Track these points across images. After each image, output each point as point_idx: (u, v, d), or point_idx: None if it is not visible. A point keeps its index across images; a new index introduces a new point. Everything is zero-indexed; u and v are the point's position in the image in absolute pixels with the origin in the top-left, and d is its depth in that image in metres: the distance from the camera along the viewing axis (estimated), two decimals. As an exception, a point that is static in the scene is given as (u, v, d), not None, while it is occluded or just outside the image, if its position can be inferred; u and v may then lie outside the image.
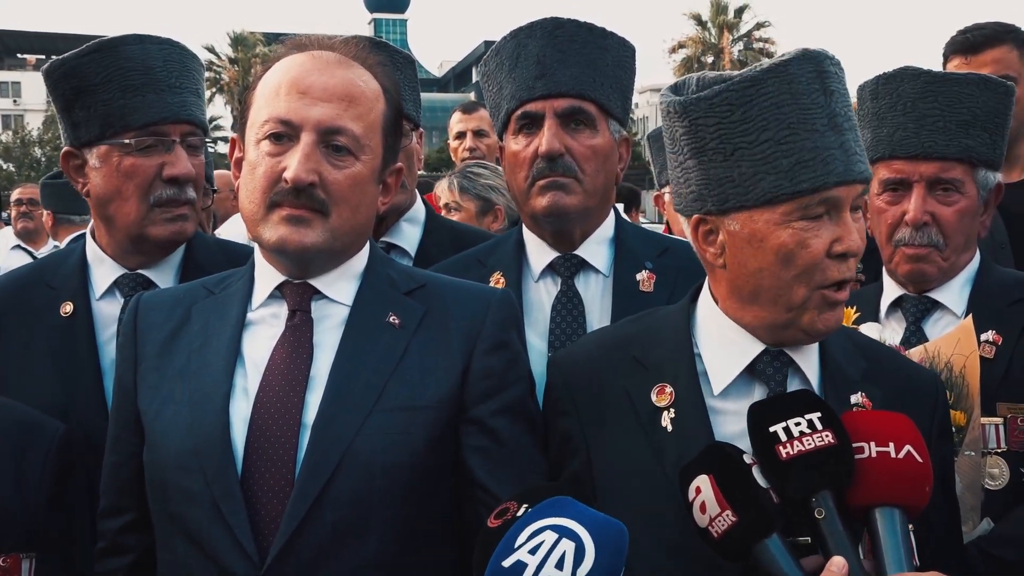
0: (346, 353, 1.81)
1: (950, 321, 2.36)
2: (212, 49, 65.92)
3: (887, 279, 2.49)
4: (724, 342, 1.79)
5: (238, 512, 1.71)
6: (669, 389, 1.78)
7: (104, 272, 2.36)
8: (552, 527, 1.49)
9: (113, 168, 2.28)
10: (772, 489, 1.56)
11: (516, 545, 1.49)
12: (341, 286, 1.89)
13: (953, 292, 2.39)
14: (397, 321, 1.85)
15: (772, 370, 1.76)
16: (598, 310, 2.35)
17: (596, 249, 2.40)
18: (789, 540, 1.56)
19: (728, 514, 1.53)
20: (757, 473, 1.57)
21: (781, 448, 1.56)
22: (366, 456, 1.74)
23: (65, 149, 2.36)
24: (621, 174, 2.46)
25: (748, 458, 1.60)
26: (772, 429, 1.58)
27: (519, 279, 2.40)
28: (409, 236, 2.94)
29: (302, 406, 1.77)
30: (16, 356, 2.27)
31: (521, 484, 1.73)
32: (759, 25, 60.26)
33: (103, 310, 2.32)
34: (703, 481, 1.56)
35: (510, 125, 2.40)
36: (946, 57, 3.54)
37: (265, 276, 1.90)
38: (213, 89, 64.23)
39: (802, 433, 1.57)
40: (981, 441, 2.19)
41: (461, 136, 5.38)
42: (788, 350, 1.77)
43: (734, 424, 1.72)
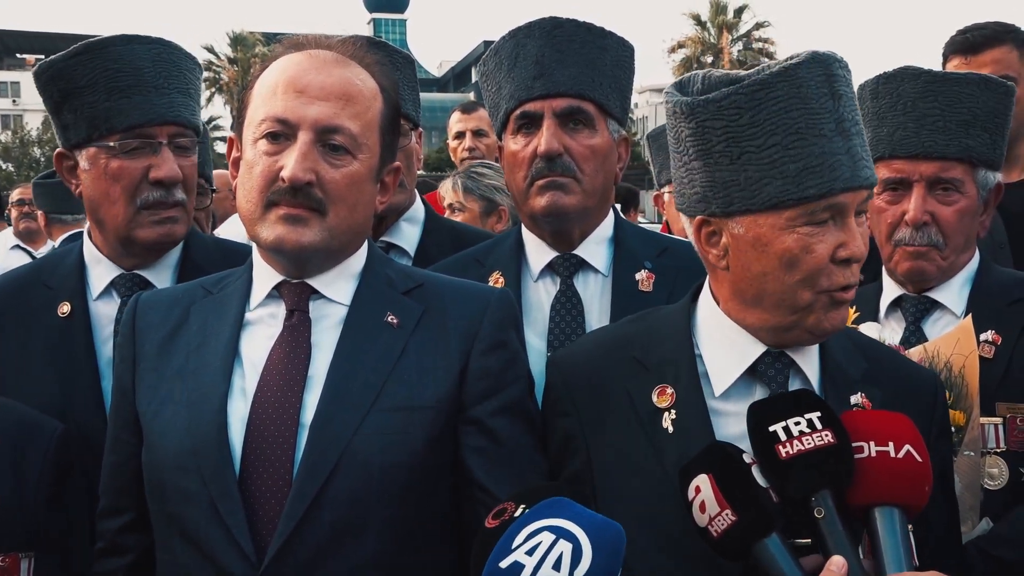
0: (344, 353, 1.81)
1: (949, 321, 2.36)
2: (211, 49, 65.88)
3: (887, 279, 2.49)
4: (725, 343, 1.78)
5: (236, 512, 1.71)
6: (670, 390, 1.77)
7: (101, 272, 2.35)
8: (550, 528, 1.49)
9: (100, 171, 2.26)
10: (772, 488, 1.56)
11: (514, 546, 1.49)
12: (339, 286, 1.88)
13: (952, 292, 2.39)
14: (395, 321, 1.85)
15: (774, 371, 1.76)
16: (597, 310, 2.35)
17: (595, 249, 2.40)
18: (789, 541, 1.56)
19: (728, 513, 1.53)
20: (757, 472, 1.57)
21: (781, 447, 1.56)
22: (364, 456, 1.73)
23: (58, 151, 2.36)
24: (620, 174, 2.46)
25: (748, 457, 1.60)
26: (772, 428, 1.58)
27: (518, 279, 2.40)
28: (408, 236, 2.94)
29: (300, 406, 1.76)
30: (14, 356, 2.27)
31: (520, 484, 1.73)
32: (758, 25, 60.23)
33: (100, 310, 2.32)
34: (703, 480, 1.56)
35: (509, 125, 2.39)
36: (946, 57, 3.52)
37: (263, 276, 1.90)
38: (212, 89, 64.20)
39: (802, 432, 1.57)
40: (980, 441, 2.19)
41: (460, 136, 5.38)
42: (789, 351, 1.77)
43: (735, 425, 1.72)
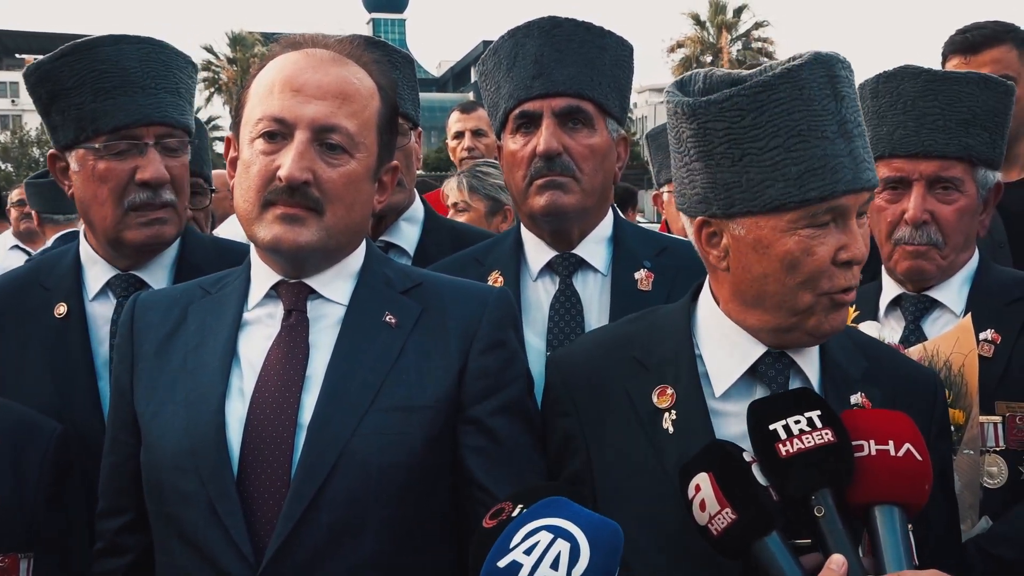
0: (342, 353, 1.80)
1: (949, 320, 2.36)
2: (210, 49, 65.79)
3: (886, 278, 2.49)
4: (725, 344, 1.78)
5: (234, 513, 1.70)
6: (670, 391, 1.77)
7: (97, 273, 2.35)
8: (547, 527, 1.49)
9: (89, 172, 2.25)
10: (772, 487, 1.56)
11: (511, 545, 1.49)
12: (337, 285, 1.88)
13: (952, 291, 2.39)
14: (393, 320, 1.85)
15: (774, 372, 1.76)
16: (596, 309, 2.35)
17: (594, 248, 2.40)
18: (789, 540, 1.56)
19: (727, 512, 1.53)
20: (757, 471, 1.57)
21: (781, 446, 1.56)
22: (362, 456, 1.73)
23: (50, 152, 2.35)
24: (619, 173, 2.46)
25: (748, 456, 1.59)
26: (772, 427, 1.58)
27: (517, 278, 2.40)
28: (408, 235, 2.94)
29: (298, 406, 1.76)
30: (11, 357, 2.27)
31: (519, 484, 1.72)
32: (757, 25, 60.21)
33: (96, 311, 2.31)
34: (703, 479, 1.56)
35: (508, 124, 2.39)
36: (945, 57, 3.51)
37: (261, 276, 1.89)
38: (212, 89, 64.19)
39: (802, 431, 1.56)
40: (980, 439, 2.19)
41: (459, 136, 5.38)
42: (789, 351, 1.77)
43: (735, 425, 1.71)
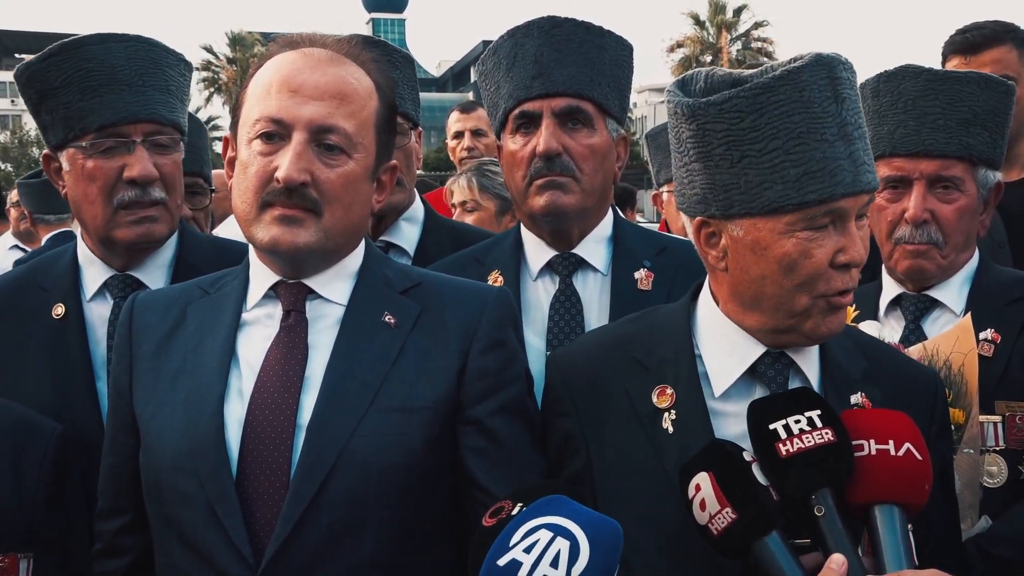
0: (341, 353, 1.80)
1: (949, 319, 2.36)
2: (210, 49, 65.82)
3: (886, 277, 2.49)
4: (725, 344, 1.78)
5: (233, 514, 1.70)
6: (670, 391, 1.77)
7: (94, 273, 2.34)
8: (547, 526, 1.49)
9: (79, 172, 2.25)
10: (772, 487, 1.56)
11: (511, 544, 1.48)
12: (336, 286, 1.87)
13: (952, 291, 2.39)
14: (392, 320, 1.84)
15: (773, 372, 1.76)
16: (596, 309, 2.35)
17: (594, 248, 2.40)
18: (789, 540, 1.56)
19: (728, 511, 1.53)
20: (757, 471, 1.57)
21: (781, 446, 1.56)
22: (362, 457, 1.73)
23: (44, 152, 2.35)
24: (619, 173, 2.46)
25: (748, 456, 1.59)
26: (772, 427, 1.58)
27: (517, 278, 2.40)
28: (408, 235, 2.94)
29: (297, 407, 1.75)
30: (10, 358, 2.27)
31: (519, 484, 1.71)
32: (757, 24, 60.22)
33: (94, 311, 2.31)
34: (703, 478, 1.56)
35: (508, 124, 2.39)
36: (945, 57, 3.50)
37: (259, 276, 1.89)
38: (211, 89, 64.22)
39: (802, 431, 1.56)
40: (980, 439, 2.19)
41: (459, 136, 5.38)
42: (789, 351, 1.77)
43: (735, 426, 1.71)
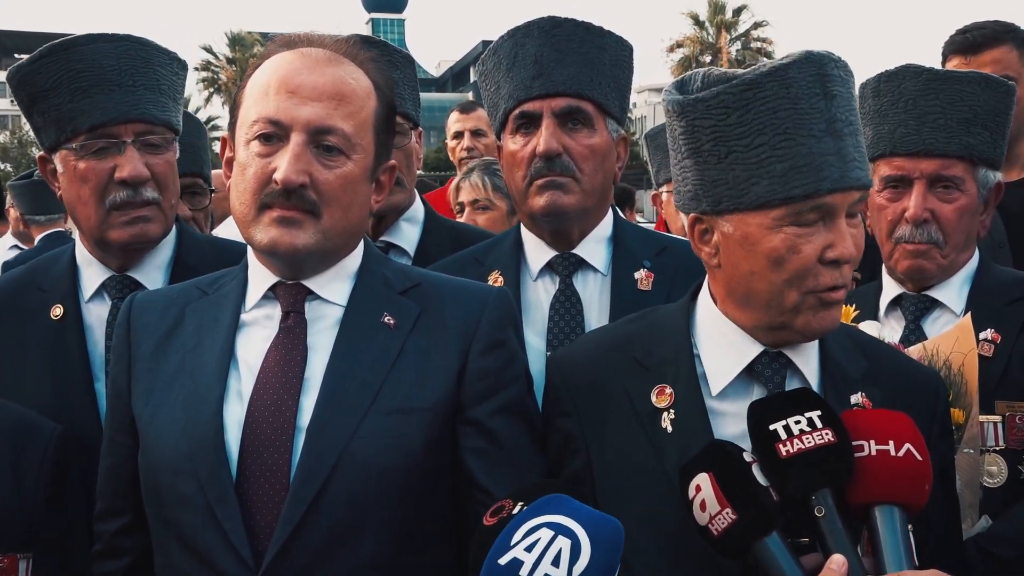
0: (341, 354, 1.79)
1: (949, 319, 2.36)
2: (210, 49, 65.85)
3: (886, 278, 2.49)
4: (723, 343, 1.78)
5: (233, 517, 1.70)
6: (669, 390, 1.77)
7: (92, 274, 2.34)
8: (548, 524, 1.48)
9: (71, 173, 2.24)
10: (772, 487, 1.56)
11: (512, 543, 1.48)
12: (335, 286, 1.86)
13: (952, 291, 2.39)
14: (392, 321, 1.83)
15: (770, 372, 1.76)
16: (596, 309, 2.35)
17: (594, 248, 2.40)
18: (789, 539, 1.56)
19: (728, 512, 1.53)
20: (757, 471, 1.57)
21: (781, 446, 1.56)
22: (362, 459, 1.72)
23: (39, 154, 2.34)
24: (619, 173, 2.46)
25: (748, 456, 1.59)
26: (772, 427, 1.58)
27: (517, 278, 2.40)
28: (408, 235, 2.93)
29: (296, 409, 1.75)
30: (9, 359, 2.27)
31: (519, 484, 1.70)
32: (757, 25, 60.22)
33: (92, 312, 2.30)
34: (703, 479, 1.56)
35: (508, 125, 2.39)
36: (945, 57, 3.49)
37: (258, 277, 1.88)
38: (211, 89, 64.23)
39: (802, 431, 1.56)
40: (979, 439, 2.20)
41: (459, 136, 5.38)
42: (787, 351, 1.77)
43: (734, 425, 1.72)
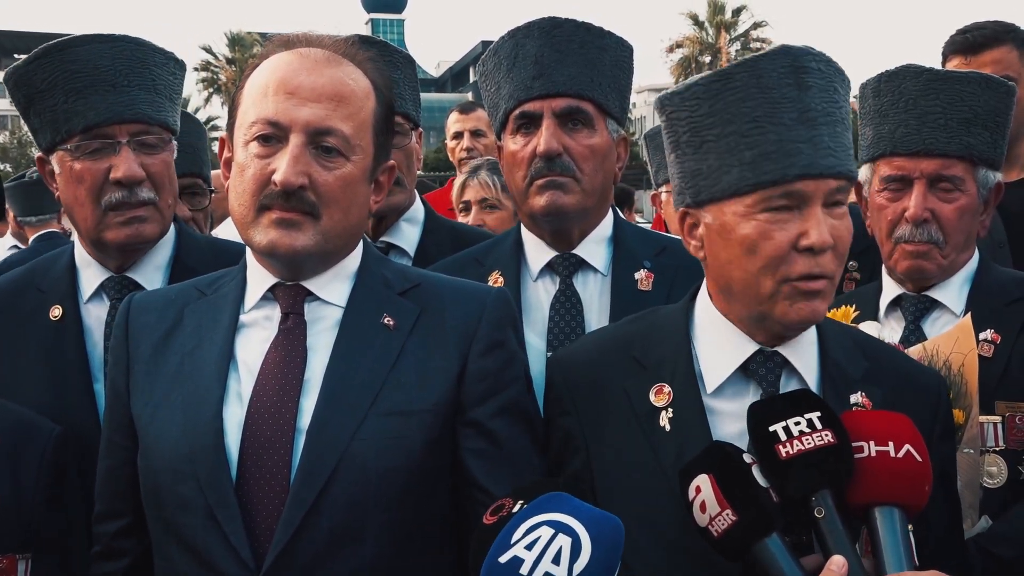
0: (340, 356, 1.79)
1: (949, 320, 2.36)
2: (209, 49, 65.85)
3: (886, 278, 2.49)
4: (720, 342, 1.79)
5: (233, 519, 1.69)
6: (667, 389, 1.78)
7: (91, 275, 2.33)
8: (548, 522, 1.49)
9: (67, 174, 2.24)
10: (772, 488, 1.56)
11: (512, 541, 1.48)
12: (334, 287, 1.86)
13: (952, 291, 2.39)
14: (392, 322, 1.83)
15: (765, 370, 1.76)
16: (596, 309, 2.35)
17: (594, 248, 2.40)
18: (789, 540, 1.56)
19: (728, 513, 1.53)
20: (757, 472, 1.57)
21: (781, 447, 1.56)
22: (362, 461, 1.72)
23: (38, 155, 2.34)
24: (619, 174, 2.46)
25: (748, 457, 1.59)
26: (772, 428, 1.58)
27: (518, 278, 2.40)
28: (408, 236, 2.93)
29: (296, 411, 1.74)
30: (8, 360, 2.27)
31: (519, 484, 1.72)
32: (756, 25, 60.24)
33: (91, 313, 2.30)
34: (703, 480, 1.56)
35: (508, 125, 2.39)
36: (945, 57, 3.49)
37: (257, 278, 1.88)
38: (210, 90, 64.25)
39: (802, 432, 1.56)
40: (979, 439, 2.20)
41: (458, 136, 5.38)
42: (783, 350, 1.77)
43: (731, 424, 1.72)
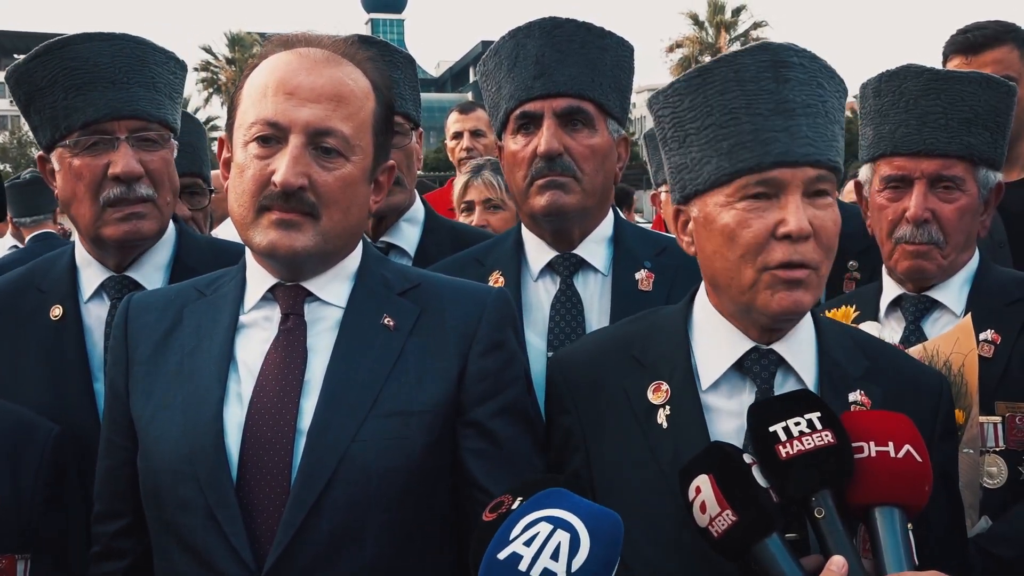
0: (340, 356, 1.79)
1: (949, 320, 2.36)
2: (209, 49, 65.98)
3: (886, 278, 2.49)
4: (717, 339, 1.80)
5: (234, 520, 1.69)
6: (665, 387, 1.78)
7: (91, 275, 2.33)
8: (547, 518, 1.48)
9: (66, 170, 2.24)
10: (772, 489, 1.56)
11: (511, 537, 1.48)
12: (334, 288, 1.85)
13: (952, 291, 2.39)
14: (392, 323, 1.83)
15: (759, 368, 1.76)
16: (597, 309, 2.35)
17: (595, 248, 2.40)
18: (789, 540, 1.56)
19: (728, 514, 1.53)
20: (757, 473, 1.57)
21: (781, 448, 1.56)
22: (362, 462, 1.72)
23: (38, 154, 2.34)
24: (620, 173, 2.46)
25: (748, 458, 1.59)
26: (772, 429, 1.58)
27: (518, 278, 2.40)
28: (408, 236, 2.93)
29: (297, 412, 1.74)
30: (8, 359, 2.26)
31: (519, 483, 1.72)
32: (756, 25, 60.26)
33: (91, 313, 2.30)
34: (703, 481, 1.56)
35: (509, 125, 2.39)
36: (946, 57, 3.49)
37: (257, 278, 1.87)
38: (210, 90, 64.30)
39: (802, 433, 1.56)
40: (979, 439, 2.19)
41: (458, 136, 5.38)
42: (778, 347, 1.77)
43: (728, 422, 1.73)
